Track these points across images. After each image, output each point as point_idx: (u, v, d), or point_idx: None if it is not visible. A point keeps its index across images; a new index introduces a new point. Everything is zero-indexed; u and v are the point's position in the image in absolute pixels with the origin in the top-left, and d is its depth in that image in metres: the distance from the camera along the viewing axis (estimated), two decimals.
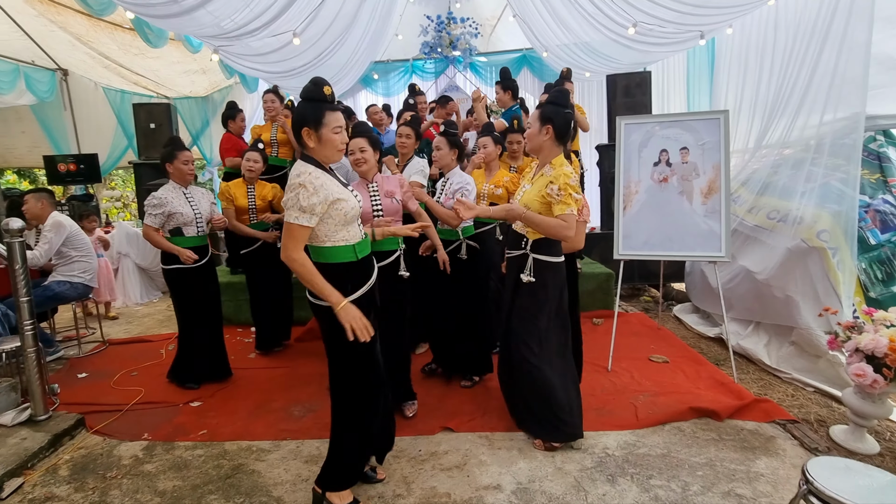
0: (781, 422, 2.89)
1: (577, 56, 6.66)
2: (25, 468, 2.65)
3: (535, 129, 2.60)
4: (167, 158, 3.50)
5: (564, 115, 2.55)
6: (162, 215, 3.40)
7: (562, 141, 2.58)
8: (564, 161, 2.57)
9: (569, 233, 2.50)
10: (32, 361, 2.97)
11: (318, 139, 2.01)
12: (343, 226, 2.07)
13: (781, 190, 4.15)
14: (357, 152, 2.84)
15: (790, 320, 3.71)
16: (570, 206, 2.47)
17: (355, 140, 2.85)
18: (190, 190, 3.59)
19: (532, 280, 2.60)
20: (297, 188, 1.93)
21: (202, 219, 3.59)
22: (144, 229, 3.45)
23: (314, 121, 2.00)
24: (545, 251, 2.62)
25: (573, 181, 2.48)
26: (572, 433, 2.69)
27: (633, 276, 5.94)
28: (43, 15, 6.12)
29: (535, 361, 2.66)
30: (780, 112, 4.33)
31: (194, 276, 3.57)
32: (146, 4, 3.36)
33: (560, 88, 2.65)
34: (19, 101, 7.27)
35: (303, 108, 2.03)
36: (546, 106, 2.59)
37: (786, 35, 4.52)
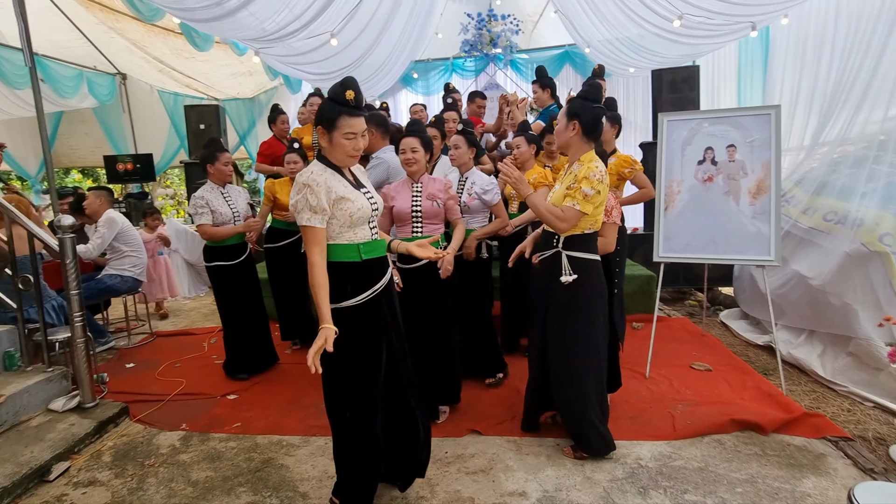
0: (833, 438, 2.69)
1: (621, 51, 6.46)
2: (72, 453, 2.79)
3: (561, 126, 2.50)
4: (209, 159, 3.61)
5: (593, 109, 2.42)
6: (209, 213, 3.54)
7: (591, 137, 2.46)
8: (594, 157, 2.46)
9: (561, 225, 2.42)
10: (81, 351, 3.13)
11: (329, 140, 1.98)
12: (349, 227, 2.00)
13: (840, 190, 3.88)
14: (408, 152, 2.85)
15: (848, 330, 3.46)
16: (574, 199, 2.38)
17: (407, 139, 2.85)
18: (227, 189, 3.71)
19: (572, 278, 2.46)
20: (303, 189, 1.90)
21: (240, 217, 3.70)
22: (200, 230, 3.57)
23: (328, 121, 1.96)
24: (578, 247, 2.49)
25: (595, 176, 2.36)
26: (605, 445, 2.58)
27: (678, 279, 5.71)
28: (103, 22, 6.47)
29: (572, 366, 2.54)
30: (839, 106, 4.04)
31: (235, 272, 3.72)
32: (190, 8, 3.48)
33: (593, 82, 2.52)
34: (82, 105, 7.73)
35: (323, 106, 2.00)
36: (573, 101, 2.50)
37: (847, 23, 4.22)
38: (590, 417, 2.53)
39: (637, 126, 7.74)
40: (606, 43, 6.48)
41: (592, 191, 2.37)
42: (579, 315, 2.51)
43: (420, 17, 6.25)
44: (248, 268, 3.85)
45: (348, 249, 2.01)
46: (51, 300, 3.80)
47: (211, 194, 3.59)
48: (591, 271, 2.52)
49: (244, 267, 3.79)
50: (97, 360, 4.10)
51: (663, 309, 5.20)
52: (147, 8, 3.78)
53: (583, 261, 2.50)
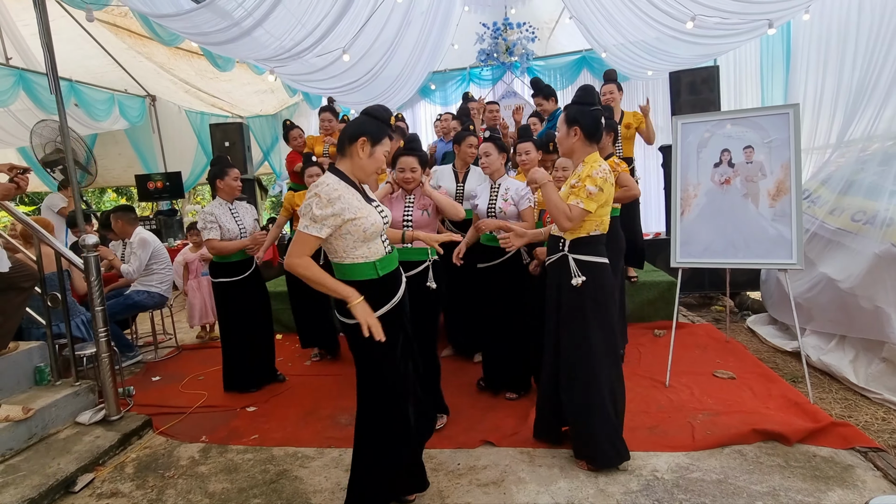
0: (863, 449, 2.56)
1: (637, 54, 6.38)
2: (97, 464, 2.88)
3: (563, 133, 2.50)
4: (219, 175, 3.68)
5: (591, 113, 2.42)
6: (217, 228, 3.60)
7: (592, 140, 2.46)
8: (598, 158, 2.45)
9: (564, 222, 2.40)
10: (106, 365, 3.23)
11: (370, 154, 2.03)
12: (363, 242, 2.02)
13: (868, 188, 3.74)
14: (408, 171, 2.88)
15: (880, 334, 3.32)
16: (579, 198, 2.36)
17: (406, 159, 2.89)
18: (235, 205, 3.78)
19: (582, 280, 2.43)
20: (312, 197, 1.94)
21: (246, 233, 3.74)
22: (208, 244, 3.64)
23: (375, 136, 2.03)
24: (585, 250, 2.47)
25: (598, 174, 2.35)
26: (617, 455, 2.52)
27: (704, 283, 5.57)
28: (132, 47, 6.75)
29: (585, 372, 2.50)
30: (864, 102, 3.90)
31: (238, 288, 3.78)
32: (205, 32, 3.61)
33: (585, 86, 2.52)
34: (115, 127, 8.06)
35: (367, 121, 2.05)
36: (570, 106, 2.48)
37: (871, 17, 4.08)
38: (601, 425, 2.48)
39: (659, 129, 7.58)
40: (622, 47, 6.41)
41: (596, 188, 2.35)
42: (590, 319, 2.48)
43: (434, 28, 6.32)
44: (255, 284, 3.88)
45: (365, 268, 2.05)
46: (80, 315, 3.95)
47: (219, 210, 3.65)
48: (598, 274, 2.49)
49: (250, 283, 3.83)
50: (124, 374, 4.23)
51: (687, 315, 5.08)
52: (166, 33, 3.94)
53: (590, 263, 2.47)
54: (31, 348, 3.38)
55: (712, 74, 5.45)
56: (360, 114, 2.13)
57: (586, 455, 2.57)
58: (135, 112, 8.25)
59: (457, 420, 3.14)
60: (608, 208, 2.50)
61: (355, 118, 2.12)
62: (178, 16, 3.36)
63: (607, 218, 2.52)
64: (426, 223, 2.90)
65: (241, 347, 3.81)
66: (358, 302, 1.96)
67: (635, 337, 4.31)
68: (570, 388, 2.56)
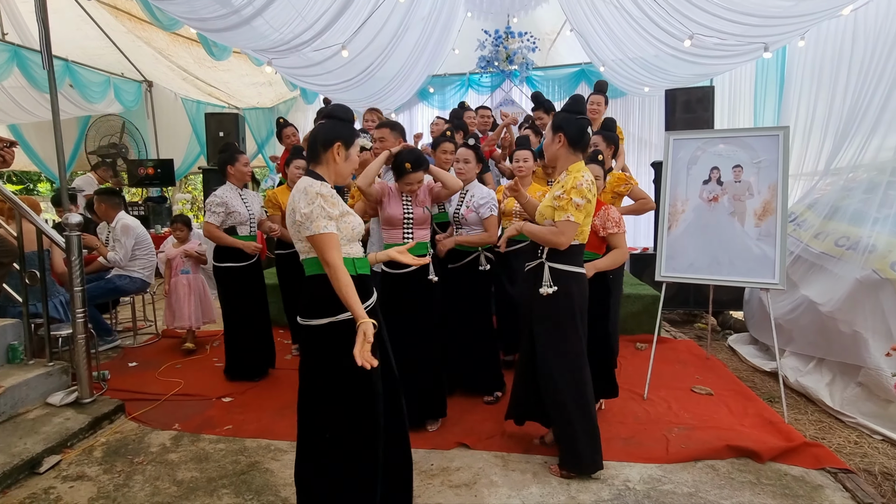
0: (833, 470, 2.58)
1: (635, 70, 6.45)
2: (65, 447, 2.83)
3: (548, 139, 2.52)
4: (229, 161, 3.75)
5: (577, 121, 2.43)
6: (223, 213, 3.66)
7: (577, 148, 2.47)
8: (582, 167, 2.46)
9: (560, 239, 2.39)
10: (81, 347, 3.18)
11: (345, 157, 2.00)
12: (348, 241, 1.99)
13: (852, 215, 3.79)
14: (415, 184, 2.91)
15: (857, 359, 3.35)
16: (567, 212, 2.36)
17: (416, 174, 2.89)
18: (244, 191, 3.85)
19: (551, 290, 2.45)
20: (316, 198, 1.85)
21: (255, 219, 3.85)
22: (205, 226, 3.68)
23: (347, 138, 1.99)
24: (562, 260, 2.48)
25: (583, 185, 2.36)
26: (592, 464, 2.53)
27: (689, 301, 5.59)
28: (131, 31, 6.70)
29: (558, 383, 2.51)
30: (853, 132, 3.96)
31: (244, 274, 3.80)
32: (204, 18, 3.59)
33: (575, 95, 2.56)
34: (108, 110, 7.97)
35: (337, 125, 2.00)
36: (558, 114, 2.51)
37: (864, 47, 4.16)
38: (572, 432, 2.50)
39: (653, 145, 7.71)
40: (620, 62, 6.48)
41: (583, 200, 2.36)
42: (559, 328, 2.50)
43: (435, 31, 6.34)
44: (256, 271, 3.92)
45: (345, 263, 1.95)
46: (59, 296, 3.89)
47: (230, 194, 3.73)
48: (574, 284, 2.49)
49: (253, 270, 3.87)
50: (101, 358, 4.17)
51: (670, 331, 5.11)
52: (166, 17, 3.91)
53: (566, 273, 2.48)
54: (4, 325, 3.33)
55: (707, 94, 5.51)
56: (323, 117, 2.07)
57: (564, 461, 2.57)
58: (130, 96, 8.17)
59: None
60: (589, 219, 2.50)
61: (323, 123, 2.04)
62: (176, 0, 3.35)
63: (587, 229, 2.52)
64: (424, 220, 2.94)
65: (245, 334, 3.82)
66: (363, 322, 1.80)
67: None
68: (545, 395, 2.56)
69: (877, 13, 4.09)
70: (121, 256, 4.53)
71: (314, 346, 1.95)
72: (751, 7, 4.16)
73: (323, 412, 1.96)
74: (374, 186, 2.94)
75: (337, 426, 1.94)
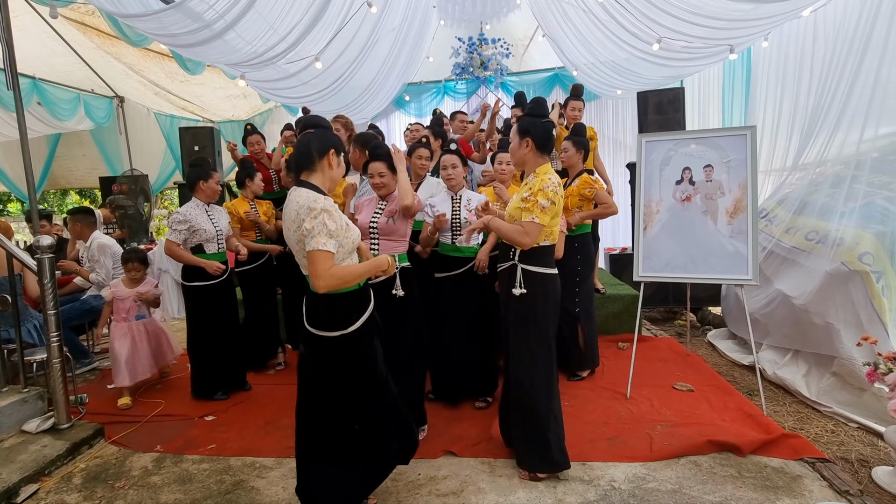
0: (811, 460, 2.65)
1: (607, 74, 6.56)
2: (42, 475, 2.76)
3: (515, 144, 2.55)
4: (203, 177, 3.67)
5: (542, 125, 2.50)
6: (186, 231, 3.54)
7: (544, 151, 2.53)
8: (549, 170, 2.51)
9: (524, 239, 2.44)
10: (57, 372, 3.11)
11: (338, 163, 2.09)
12: (348, 253, 2.07)
13: (820, 209, 3.89)
14: (376, 176, 2.89)
15: (831, 349, 3.44)
16: (532, 213, 2.41)
17: (374, 164, 2.88)
18: (211, 207, 3.75)
19: (523, 291, 2.50)
20: (321, 213, 1.90)
21: (222, 235, 3.74)
22: (167, 244, 3.59)
23: (339, 145, 2.10)
24: (533, 261, 2.52)
25: (548, 188, 2.41)
26: (557, 463, 2.55)
27: (668, 298, 5.69)
28: (100, 47, 6.59)
29: (525, 382, 2.55)
30: (818, 128, 4.08)
31: (214, 293, 3.70)
32: (174, 34, 3.56)
33: (536, 98, 2.62)
34: (79, 127, 7.82)
35: (326, 133, 2.10)
36: (523, 118, 2.54)
37: (824, 46, 4.29)
38: (545, 437, 2.52)
39: (627, 146, 7.82)
40: (593, 66, 6.58)
41: (548, 202, 2.41)
42: (531, 329, 2.53)
43: (408, 39, 6.37)
44: (227, 289, 3.82)
45: None
46: (32, 320, 3.81)
47: (196, 212, 3.62)
48: (545, 285, 2.53)
49: (222, 288, 3.76)
50: (77, 382, 4.08)
51: (651, 329, 5.18)
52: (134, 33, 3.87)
53: (538, 274, 2.52)
54: None
55: (678, 95, 5.63)
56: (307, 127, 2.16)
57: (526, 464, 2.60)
58: (101, 113, 8.03)
59: None
60: (557, 220, 2.55)
61: (313, 133, 2.09)
62: (145, 16, 3.30)
63: (556, 229, 2.57)
64: (392, 230, 2.86)
65: (211, 354, 3.73)
66: (391, 262, 2.16)
67: (599, 349, 4.35)
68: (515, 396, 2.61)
69: (835, 13, 4.23)
70: (103, 276, 4.48)
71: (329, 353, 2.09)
72: (715, 10, 4.27)
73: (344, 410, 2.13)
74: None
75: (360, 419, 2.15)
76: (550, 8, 5.91)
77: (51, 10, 3.23)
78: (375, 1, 4.61)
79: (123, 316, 3.81)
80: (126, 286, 3.87)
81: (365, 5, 4.57)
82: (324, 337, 2.06)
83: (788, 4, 3.90)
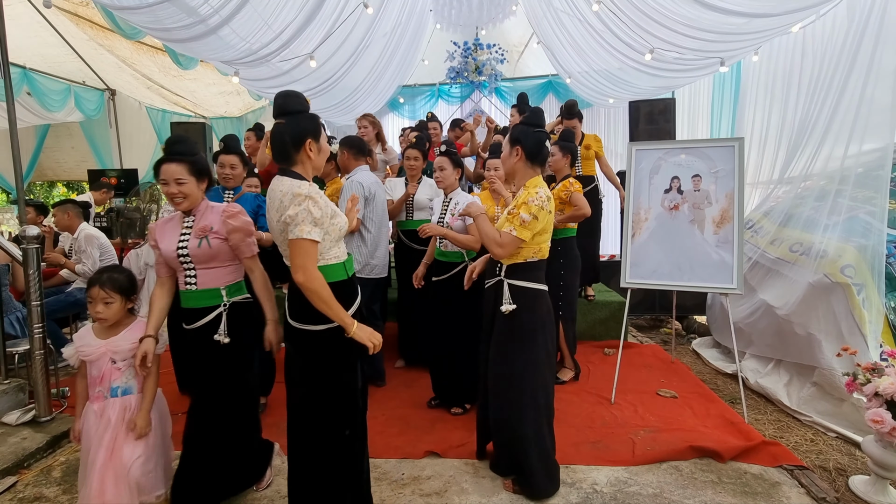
0: (789, 467, 2.69)
1: (600, 82, 6.64)
2: (21, 468, 2.73)
3: (506, 152, 2.48)
4: None
5: (535, 134, 2.39)
6: None
7: (535, 161, 2.42)
8: (539, 183, 2.41)
9: (497, 249, 2.34)
10: (39, 364, 3.08)
11: (318, 150, 1.94)
12: (336, 242, 1.96)
13: (805, 222, 3.97)
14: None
15: (812, 359, 3.50)
16: (511, 224, 2.33)
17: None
18: None
19: (511, 308, 2.38)
20: (305, 200, 1.80)
21: None
22: None
23: (314, 131, 1.93)
24: (521, 276, 2.41)
25: (533, 202, 2.31)
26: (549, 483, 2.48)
27: (655, 306, 5.75)
28: (93, 39, 6.54)
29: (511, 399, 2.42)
30: (804, 142, 4.16)
31: None
32: (168, 28, 3.55)
33: (535, 108, 2.57)
34: (69, 119, 7.75)
35: (298, 120, 1.91)
36: (516, 126, 2.47)
37: (812, 62, 4.38)
38: (531, 453, 2.42)
39: (618, 155, 7.89)
40: (586, 74, 6.66)
41: (530, 217, 2.30)
42: (520, 346, 2.42)
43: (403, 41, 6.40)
44: None
45: (336, 269, 1.97)
46: (16, 311, 3.76)
47: None
48: (534, 302, 2.42)
49: None
50: (60, 375, 4.03)
51: (637, 336, 5.23)
52: (128, 26, 3.85)
53: (525, 290, 2.41)
54: None
55: (669, 106, 5.71)
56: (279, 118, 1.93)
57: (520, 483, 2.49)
58: (92, 105, 7.97)
59: (405, 430, 3.13)
60: (547, 236, 2.44)
61: (284, 124, 1.91)
62: (139, 9, 3.29)
63: (546, 245, 2.47)
64: (211, 256, 2.22)
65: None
66: (357, 327, 1.91)
67: (586, 354, 4.40)
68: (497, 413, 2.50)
69: (823, 30, 4.32)
70: (89, 267, 4.40)
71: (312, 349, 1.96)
72: (707, 24, 4.35)
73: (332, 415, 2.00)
74: None
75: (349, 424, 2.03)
76: (546, 15, 5.97)
77: (44, 0, 3.21)
78: (371, 2, 4.64)
79: (98, 391, 2.22)
80: (97, 335, 2.25)
81: (361, 6, 4.59)
82: (308, 331, 1.93)
83: (778, 20, 3.97)
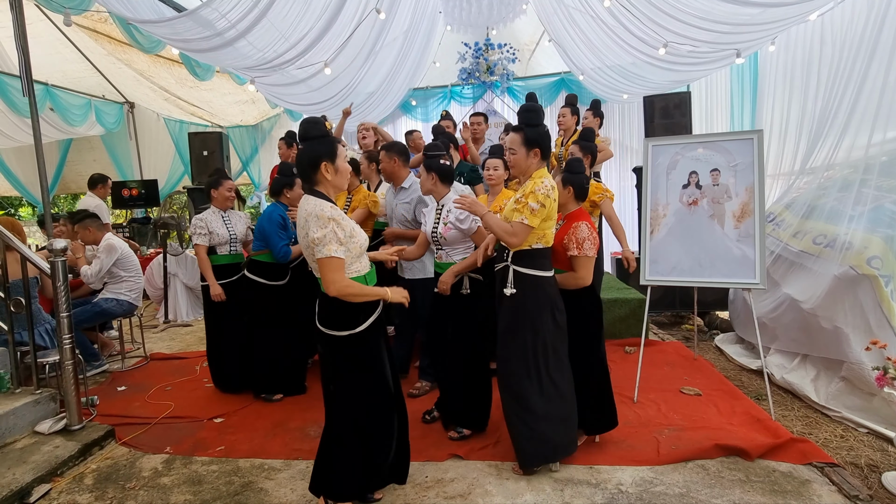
0: (820, 464, 2.64)
1: (613, 78, 6.58)
2: (55, 475, 2.79)
3: (521, 155, 2.56)
4: (213, 185, 3.93)
5: (547, 135, 2.58)
6: (206, 235, 3.82)
7: (546, 158, 2.61)
8: (544, 174, 2.56)
9: (511, 239, 2.49)
10: (69, 373, 3.15)
11: (335, 171, 2.14)
12: (357, 257, 2.16)
13: (829, 213, 3.88)
14: None
15: (840, 354, 3.42)
16: (521, 214, 2.45)
17: None
18: (228, 213, 3.98)
19: (513, 291, 2.53)
20: (329, 222, 2.03)
21: (237, 239, 3.96)
22: (195, 248, 3.84)
23: (329, 154, 2.12)
24: (526, 263, 2.55)
25: (540, 191, 2.45)
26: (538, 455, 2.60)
27: (675, 303, 5.67)
28: (111, 53, 6.70)
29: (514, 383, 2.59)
30: (826, 132, 4.07)
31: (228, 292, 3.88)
32: (187, 39, 3.62)
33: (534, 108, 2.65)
34: (90, 133, 7.94)
35: (313, 146, 2.13)
36: (529, 129, 2.56)
37: (832, 50, 4.29)
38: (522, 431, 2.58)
39: (633, 150, 7.83)
40: (599, 70, 6.61)
41: (538, 205, 2.43)
42: (520, 331, 2.56)
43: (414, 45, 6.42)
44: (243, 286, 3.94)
45: (358, 282, 2.18)
46: (44, 323, 3.85)
47: (212, 217, 3.90)
48: (536, 288, 2.56)
49: (238, 286, 3.95)
50: (89, 384, 4.13)
51: (658, 333, 5.17)
52: (147, 40, 3.94)
53: (529, 276, 2.54)
54: None
55: (685, 100, 5.63)
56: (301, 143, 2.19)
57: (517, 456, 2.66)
58: (112, 118, 8.15)
59: (427, 433, 3.14)
60: (551, 223, 2.57)
61: (301, 149, 2.18)
62: (159, 22, 3.36)
63: (550, 232, 2.59)
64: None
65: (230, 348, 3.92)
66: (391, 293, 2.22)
67: (607, 353, 4.33)
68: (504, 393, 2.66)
69: (842, 17, 4.23)
70: (92, 273, 4.45)
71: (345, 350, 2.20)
72: (721, 15, 4.28)
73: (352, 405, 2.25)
74: None
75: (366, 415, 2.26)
76: (557, 13, 5.94)
77: (65, 18, 3.30)
78: (383, 7, 4.66)
79: None
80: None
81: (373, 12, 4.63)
82: (334, 336, 2.17)
83: (795, 9, 3.90)
